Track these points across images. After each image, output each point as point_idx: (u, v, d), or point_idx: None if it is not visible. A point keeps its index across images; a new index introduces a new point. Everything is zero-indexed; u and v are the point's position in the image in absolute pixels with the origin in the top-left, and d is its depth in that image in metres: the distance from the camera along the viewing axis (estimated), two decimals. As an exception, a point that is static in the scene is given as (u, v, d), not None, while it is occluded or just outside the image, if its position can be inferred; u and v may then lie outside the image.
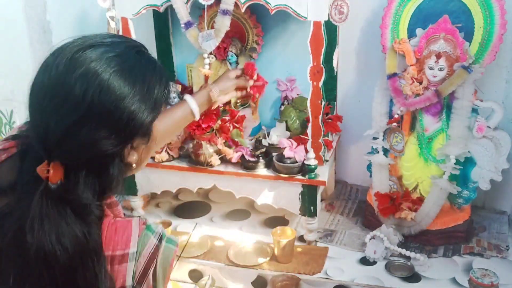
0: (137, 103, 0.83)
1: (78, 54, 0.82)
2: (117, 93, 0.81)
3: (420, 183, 1.98)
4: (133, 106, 0.82)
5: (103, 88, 0.80)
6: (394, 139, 1.96)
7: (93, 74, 0.80)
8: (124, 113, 0.81)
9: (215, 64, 2.12)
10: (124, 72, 0.82)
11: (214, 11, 1.93)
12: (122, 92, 0.81)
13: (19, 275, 0.76)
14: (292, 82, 2.16)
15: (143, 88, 0.85)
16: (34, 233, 0.75)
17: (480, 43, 1.83)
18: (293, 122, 2.11)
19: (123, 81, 0.82)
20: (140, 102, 0.83)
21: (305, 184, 1.88)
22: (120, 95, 0.81)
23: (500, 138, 1.83)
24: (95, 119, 0.79)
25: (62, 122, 0.78)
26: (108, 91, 0.80)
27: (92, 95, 0.79)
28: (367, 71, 2.18)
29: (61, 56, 0.83)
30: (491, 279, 1.64)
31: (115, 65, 0.82)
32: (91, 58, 0.81)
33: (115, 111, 0.80)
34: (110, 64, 0.81)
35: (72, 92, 0.79)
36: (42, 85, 0.82)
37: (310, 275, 1.80)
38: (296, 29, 2.07)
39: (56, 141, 0.79)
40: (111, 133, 0.81)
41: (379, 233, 1.90)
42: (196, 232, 2.06)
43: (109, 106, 0.80)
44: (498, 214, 2.13)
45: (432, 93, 1.83)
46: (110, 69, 0.81)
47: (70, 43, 0.85)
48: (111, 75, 0.81)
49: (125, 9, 1.92)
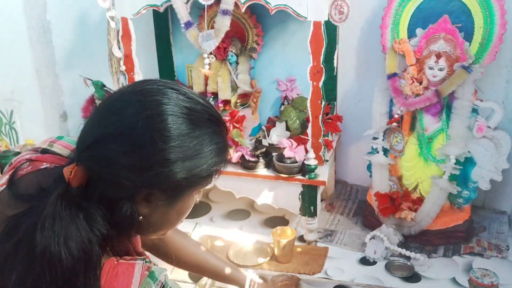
0: (177, 154, 0.78)
1: (156, 86, 0.82)
2: (164, 132, 0.77)
3: (420, 183, 1.98)
4: (171, 154, 0.78)
5: (155, 118, 0.78)
6: (394, 139, 1.97)
7: (156, 103, 0.79)
8: (157, 153, 0.77)
9: (215, 64, 2.12)
10: (185, 122, 0.79)
11: (214, 11, 1.93)
12: (169, 135, 0.78)
13: (23, 272, 0.75)
14: (292, 82, 2.16)
15: (193, 149, 0.80)
16: (43, 232, 0.75)
17: (480, 43, 1.83)
18: (293, 122, 2.11)
19: (178, 127, 0.79)
20: (180, 156, 0.79)
21: (305, 184, 1.88)
22: (166, 136, 0.78)
23: (500, 138, 1.83)
24: (128, 141, 0.77)
25: (101, 129, 0.79)
26: (157, 123, 0.78)
27: (141, 118, 0.77)
28: (367, 71, 2.18)
29: (141, 83, 0.85)
30: (491, 279, 1.64)
31: (182, 112, 0.80)
32: (164, 93, 0.80)
33: (150, 145, 0.77)
34: (178, 107, 0.79)
35: (127, 108, 0.79)
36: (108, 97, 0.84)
37: (310, 275, 1.80)
38: (296, 29, 2.07)
39: (87, 145, 0.80)
40: (133, 164, 0.77)
41: (379, 233, 1.90)
42: (196, 232, 2.07)
43: (148, 136, 0.77)
44: (498, 214, 2.13)
45: (432, 93, 1.83)
46: (175, 110, 0.79)
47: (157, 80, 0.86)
48: (172, 114, 0.78)
49: (125, 9, 1.92)
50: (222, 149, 0.86)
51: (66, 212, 0.77)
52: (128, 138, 0.77)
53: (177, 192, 0.83)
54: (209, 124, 0.83)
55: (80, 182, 0.79)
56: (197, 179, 0.83)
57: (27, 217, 0.78)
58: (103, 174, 0.78)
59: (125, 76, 2.04)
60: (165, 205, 0.84)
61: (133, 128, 0.77)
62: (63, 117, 2.71)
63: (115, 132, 0.78)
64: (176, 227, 0.99)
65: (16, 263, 0.75)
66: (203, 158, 0.82)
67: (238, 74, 2.13)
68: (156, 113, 0.78)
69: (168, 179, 0.79)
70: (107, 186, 0.79)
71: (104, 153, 0.78)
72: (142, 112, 0.78)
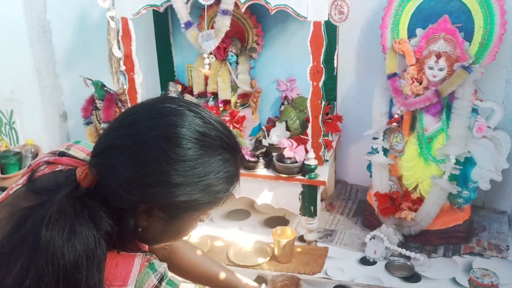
0: (179, 177, 0.78)
1: (175, 106, 0.82)
2: (170, 154, 0.78)
3: (420, 183, 1.98)
4: (174, 177, 0.78)
5: (165, 138, 0.78)
6: (394, 139, 1.97)
7: (170, 123, 0.79)
8: (159, 173, 0.78)
9: (215, 64, 2.12)
10: (194, 146, 0.79)
11: (214, 11, 1.93)
12: (175, 157, 0.78)
13: (26, 263, 0.76)
14: (292, 82, 2.16)
15: (198, 175, 0.80)
16: (49, 225, 0.76)
17: (480, 43, 1.83)
18: (293, 122, 2.11)
19: (186, 151, 0.78)
20: (182, 180, 0.79)
21: (305, 184, 1.88)
22: (171, 158, 0.78)
23: (500, 138, 1.83)
24: (134, 156, 0.78)
25: (113, 138, 0.81)
26: (165, 144, 0.78)
27: (151, 136, 0.78)
28: (367, 71, 2.18)
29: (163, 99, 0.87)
30: (491, 279, 1.64)
31: (193, 136, 0.79)
32: (181, 114, 0.81)
33: (154, 164, 0.78)
34: (191, 131, 0.80)
35: (140, 123, 0.80)
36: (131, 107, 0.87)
37: (310, 275, 1.80)
38: (296, 29, 2.07)
39: (99, 151, 0.82)
40: (134, 179, 0.78)
41: (379, 233, 1.90)
42: (196, 232, 2.07)
43: (153, 155, 0.78)
44: (498, 214, 2.13)
45: (432, 93, 1.83)
46: (187, 133, 0.79)
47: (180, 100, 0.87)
48: (182, 137, 0.78)
49: (125, 9, 1.92)
50: (231, 178, 0.86)
51: (71, 208, 0.78)
52: (135, 153, 0.78)
53: (177, 212, 0.83)
54: (221, 151, 0.83)
55: (90, 184, 0.81)
56: (198, 204, 0.83)
57: (37, 210, 0.80)
58: (108, 182, 0.80)
59: (125, 76, 2.04)
60: (164, 221, 0.84)
61: (141, 144, 0.78)
62: (63, 117, 2.71)
63: (124, 144, 0.79)
64: None
65: (21, 254, 0.77)
66: (208, 185, 0.81)
67: (238, 74, 2.13)
68: (166, 133, 0.79)
69: (167, 200, 0.80)
70: (111, 194, 0.80)
71: (111, 162, 0.80)
72: (153, 130, 0.79)
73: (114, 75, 2.07)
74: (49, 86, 2.60)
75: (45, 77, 2.57)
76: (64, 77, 2.63)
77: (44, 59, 2.54)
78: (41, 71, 2.54)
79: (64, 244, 0.76)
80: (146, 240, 0.89)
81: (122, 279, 0.81)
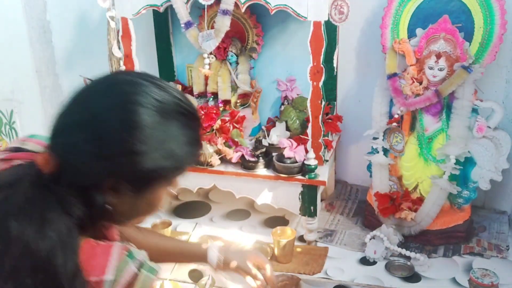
0: (142, 145, 0.77)
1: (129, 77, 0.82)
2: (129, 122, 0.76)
3: (420, 183, 1.98)
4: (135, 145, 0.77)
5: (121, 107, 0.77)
6: (394, 139, 1.97)
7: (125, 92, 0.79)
8: (120, 143, 0.77)
9: (215, 64, 2.12)
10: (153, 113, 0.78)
11: (214, 11, 1.93)
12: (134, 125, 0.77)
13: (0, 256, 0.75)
14: (292, 82, 2.16)
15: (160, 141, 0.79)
16: (19, 217, 0.75)
17: (480, 43, 1.83)
18: (293, 122, 2.11)
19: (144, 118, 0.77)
20: (145, 147, 0.77)
21: (305, 184, 1.88)
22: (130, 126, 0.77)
23: (500, 138, 1.83)
24: (91, 130, 0.77)
25: (68, 116, 0.80)
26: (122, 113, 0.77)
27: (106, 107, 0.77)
28: (367, 71, 2.18)
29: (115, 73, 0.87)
30: (491, 279, 1.64)
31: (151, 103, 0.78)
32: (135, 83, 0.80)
33: (114, 135, 0.77)
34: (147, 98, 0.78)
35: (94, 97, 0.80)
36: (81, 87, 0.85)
37: (310, 275, 1.80)
38: (296, 29, 2.07)
39: (56, 132, 0.80)
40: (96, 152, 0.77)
41: (379, 233, 1.90)
42: (196, 232, 2.07)
43: (111, 125, 0.77)
44: (498, 214, 2.13)
45: (432, 93, 1.83)
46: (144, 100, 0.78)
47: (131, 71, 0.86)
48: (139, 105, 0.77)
49: (125, 9, 1.92)
50: (193, 143, 0.85)
51: (38, 197, 0.77)
52: (92, 126, 0.77)
53: (144, 183, 0.82)
54: (179, 116, 0.82)
55: (52, 169, 0.79)
56: (164, 172, 0.82)
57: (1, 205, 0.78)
58: (70, 161, 0.79)
59: (125, 76, 2.04)
60: (132, 195, 0.83)
61: (97, 116, 0.77)
62: (63, 117, 2.71)
63: (81, 119, 0.78)
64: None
65: None
66: (170, 150, 0.80)
67: (238, 74, 2.13)
68: (122, 102, 0.78)
69: (132, 170, 0.78)
70: (75, 173, 0.79)
71: (69, 140, 0.78)
72: (108, 101, 0.78)
73: (114, 75, 2.07)
74: (49, 86, 2.60)
75: (45, 77, 2.56)
76: (64, 77, 2.63)
77: (44, 59, 2.54)
78: (41, 71, 2.53)
79: (36, 234, 0.75)
80: (116, 219, 0.87)
81: (100, 269, 0.80)
